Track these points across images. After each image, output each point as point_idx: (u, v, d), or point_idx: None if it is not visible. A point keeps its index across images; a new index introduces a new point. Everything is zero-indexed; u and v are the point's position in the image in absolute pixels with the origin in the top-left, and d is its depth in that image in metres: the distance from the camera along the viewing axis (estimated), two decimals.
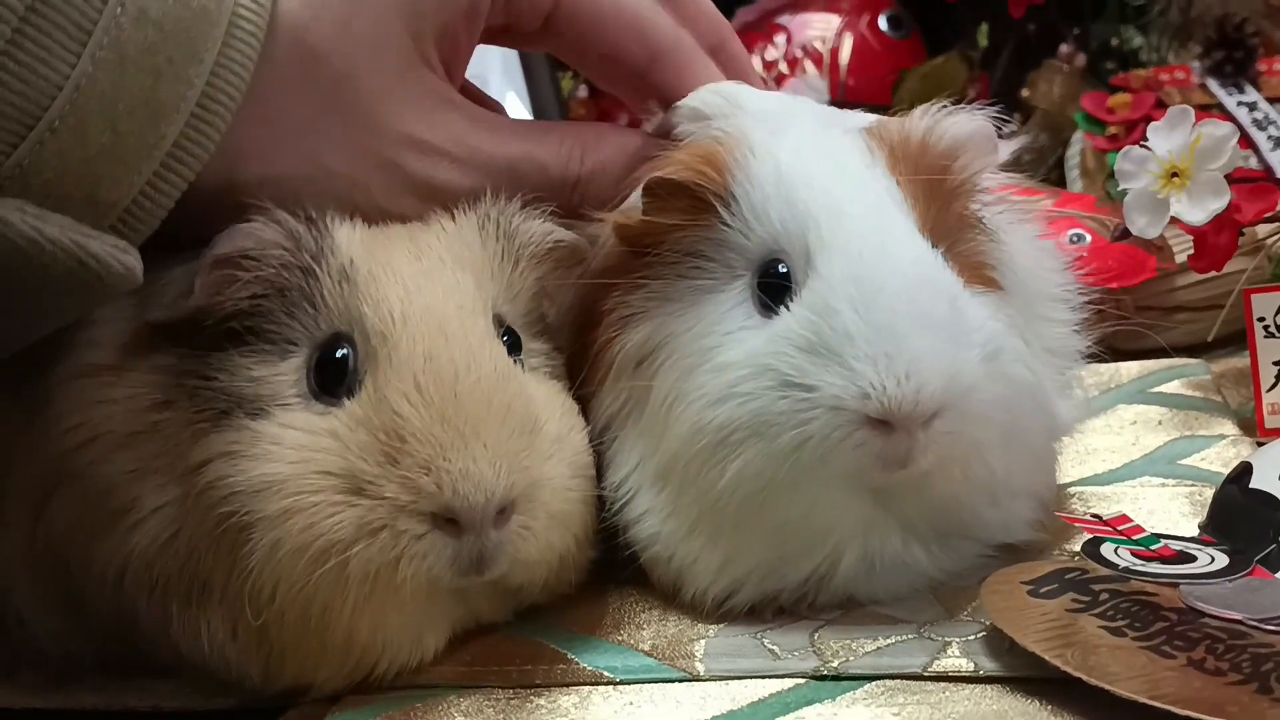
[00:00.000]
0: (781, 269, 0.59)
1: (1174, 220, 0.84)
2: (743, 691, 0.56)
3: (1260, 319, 0.83)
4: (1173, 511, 0.71)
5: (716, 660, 0.58)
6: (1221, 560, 0.59)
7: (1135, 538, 0.61)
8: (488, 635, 0.62)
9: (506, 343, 0.60)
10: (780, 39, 1.62)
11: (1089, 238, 1.06)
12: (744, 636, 0.60)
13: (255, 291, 0.57)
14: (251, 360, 0.57)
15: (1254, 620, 0.53)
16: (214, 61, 0.57)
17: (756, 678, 0.57)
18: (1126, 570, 0.58)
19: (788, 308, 0.58)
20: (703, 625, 0.61)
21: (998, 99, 0.68)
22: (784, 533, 0.59)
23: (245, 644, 0.56)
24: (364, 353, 0.57)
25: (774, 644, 0.59)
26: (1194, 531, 0.67)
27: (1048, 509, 0.65)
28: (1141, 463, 0.80)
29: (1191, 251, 0.88)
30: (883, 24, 1.62)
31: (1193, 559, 0.60)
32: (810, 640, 0.59)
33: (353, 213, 0.62)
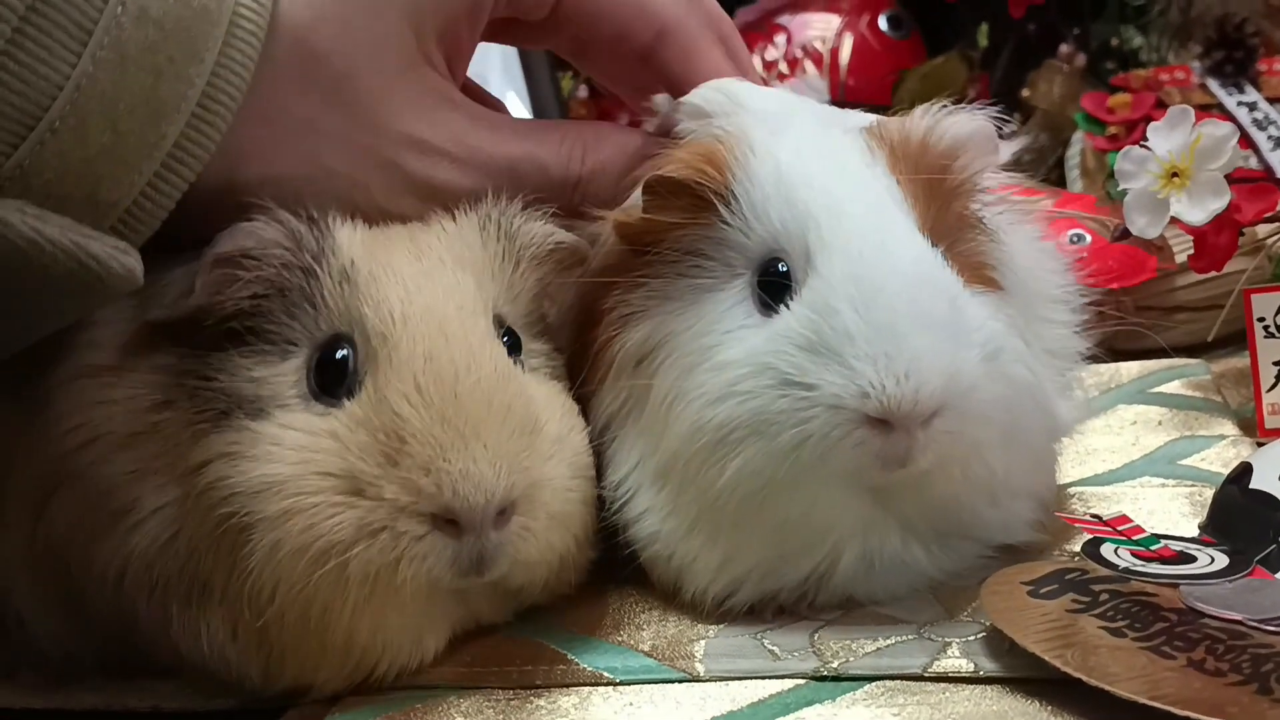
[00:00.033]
0: (781, 268, 0.59)
1: (1174, 220, 0.84)
2: (743, 692, 0.56)
3: (1260, 319, 0.83)
4: (1173, 512, 0.71)
5: (716, 661, 0.58)
6: (1221, 561, 0.59)
7: (1135, 538, 0.61)
8: (488, 636, 0.62)
9: (507, 343, 0.60)
10: (780, 39, 1.61)
11: (1089, 238, 1.06)
12: (744, 637, 0.60)
13: (256, 291, 0.57)
14: (252, 361, 0.57)
15: (1254, 621, 0.53)
16: (215, 61, 0.57)
17: (756, 678, 0.57)
18: (1126, 571, 0.58)
19: (788, 306, 0.58)
20: (703, 626, 0.61)
21: (998, 99, 0.68)
22: (783, 531, 0.59)
23: (245, 645, 0.56)
24: (364, 353, 0.57)
25: (774, 644, 0.59)
26: (1194, 532, 0.67)
27: (1048, 509, 0.65)
28: (1141, 463, 0.80)
29: (1191, 251, 0.88)
30: (883, 24, 1.62)
31: (1193, 559, 0.60)
32: (810, 641, 0.59)
33: (353, 213, 0.62)
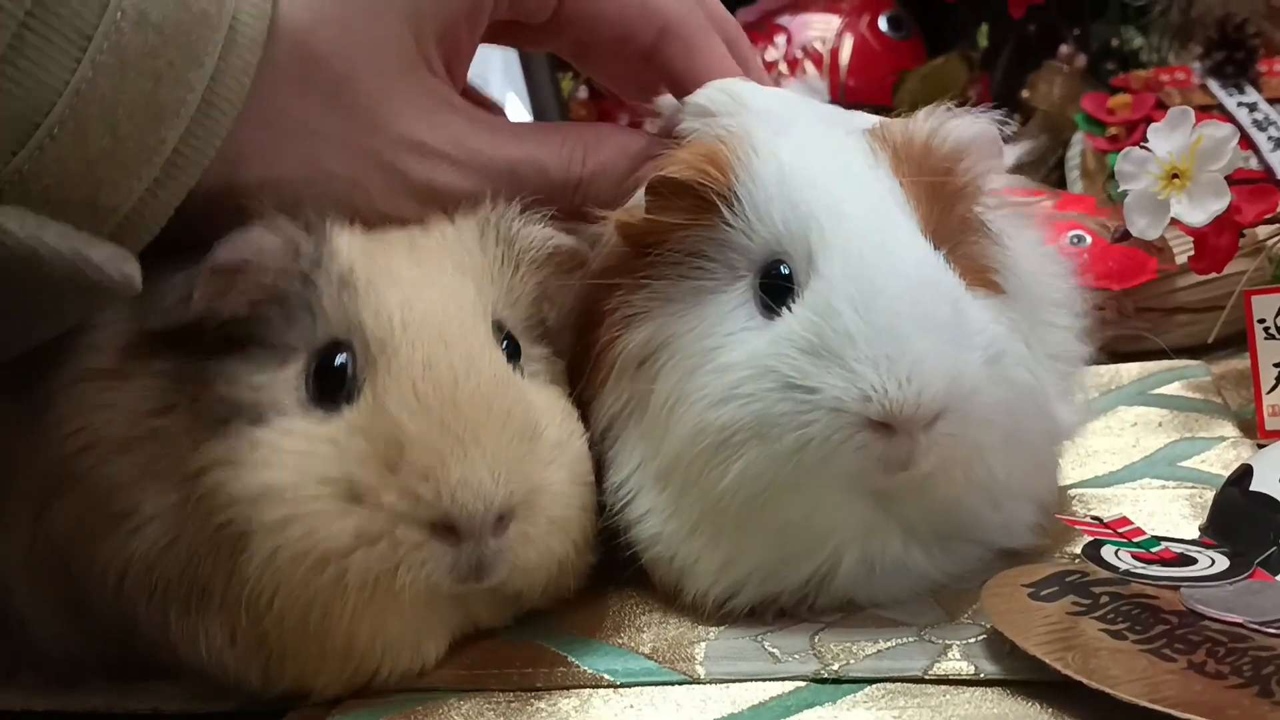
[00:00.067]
0: (784, 270, 0.59)
1: (1174, 222, 0.84)
2: (743, 694, 0.56)
3: (1260, 320, 0.83)
4: (1173, 514, 0.71)
5: (717, 663, 0.58)
6: (1222, 563, 0.59)
7: (1136, 540, 0.61)
8: (488, 639, 0.62)
9: (506, 349, 0.60)
10: (780, 39, 1.61)
11: (1089, 239, 1.06)
12: (744, 639, 0.60)
13: (254, 299, 0.57)
14: (251, 367, 0.57)
15: (1255, 623, 0.53)
16: (214, 66, 0.57)
17: (757, 680, 0.57)
18: (1127, 573, 0.58)
19: (790, 309, 0.58)
20: (703, 628, 0.61)
21: (998, 100, 0.69)
22: (785, 534, 0.59)
23: (244, 650, 0.56)
24: (363, 360, 0.57)
25: (774, 647, 0.59)
26: (1194, 534, 0.67)
27: (1049, 513, 0.65)
28: (1142, 465, 0.80)
29: (1192, 253, 0.88)
30: (883, 25, 1.62)
31: (1193, 561, 0.60)
32: (811, 643, 0.59)
33: (353, 215, 0.62)
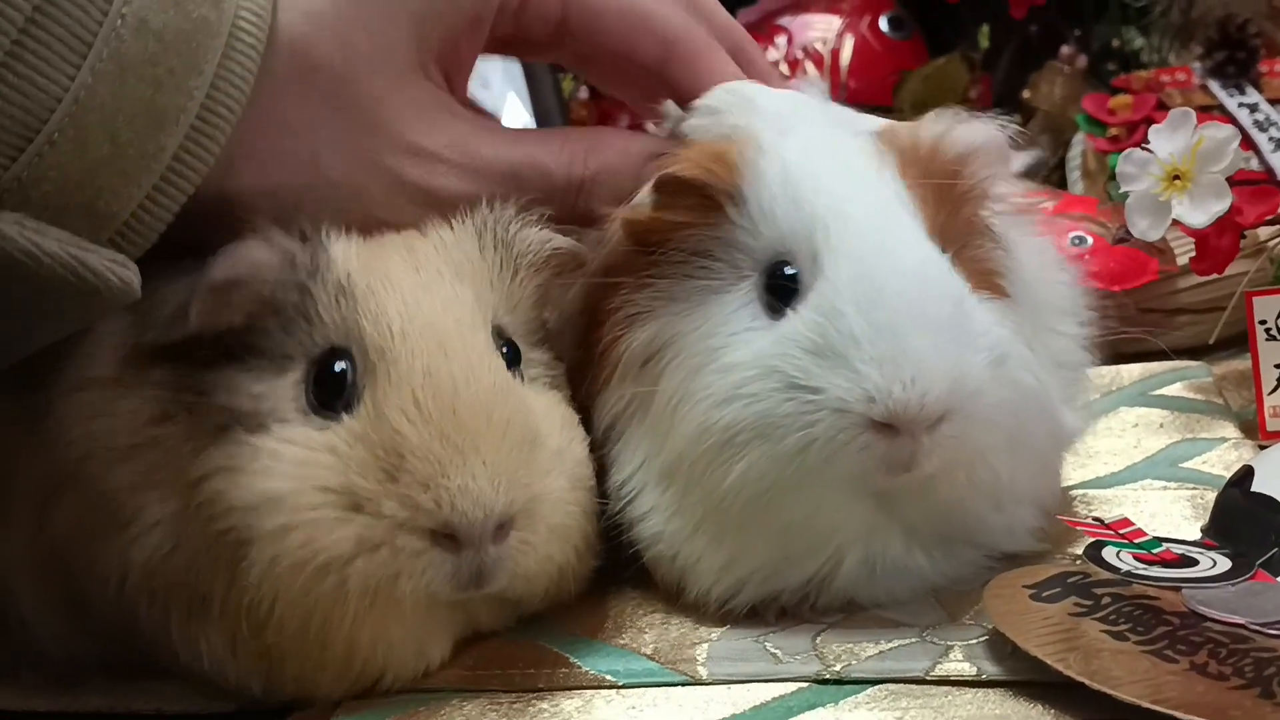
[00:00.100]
0: (788, 271, 0.59)
1: (1175, 223, 0.84)
2: (745, 695, 0.56)
3: (1262, 321, 0.83)
4: (1174, 515, 0.71)
5: (719, 664, 0.58)
6: (1224, 564, 0.59)
7: (1137, 541, 0.61)
8: (490, 639, 0.62)
9: (506, 355, 0.60)
10: (781, 40, 1.61)
11: (1090, 240, 1.07)
12: (746, 640, 0.60)
13: (250, 311, 0.57)
14: (249, 376, 0.57)
15: (1256, 624, 0.53)
16: (214, 73, 0.57)
17: (759, 681, 0.57)
18: (1128, 574, 0.58)
19: (794, 309, 0.58)
20: (705, 629, 0.61)
21: (999, 100, 0.69)
22: (787, 534, 0.59)
23: (245, 657, 0.56)
24: (363, 367, 0.57)
25: (776, 648, 0.59)
26: (1196, 535, 0.67)
27: (1051, 517, 0.65)
28: (1143, 465, 0.80)
29: (1193, 254, 0.88)
30: (884, 25, 1.61)
31: (1195, 563, 0.60)
32: (812, 644, 0.59)
33: (351, 221, 0.61)
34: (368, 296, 0.58)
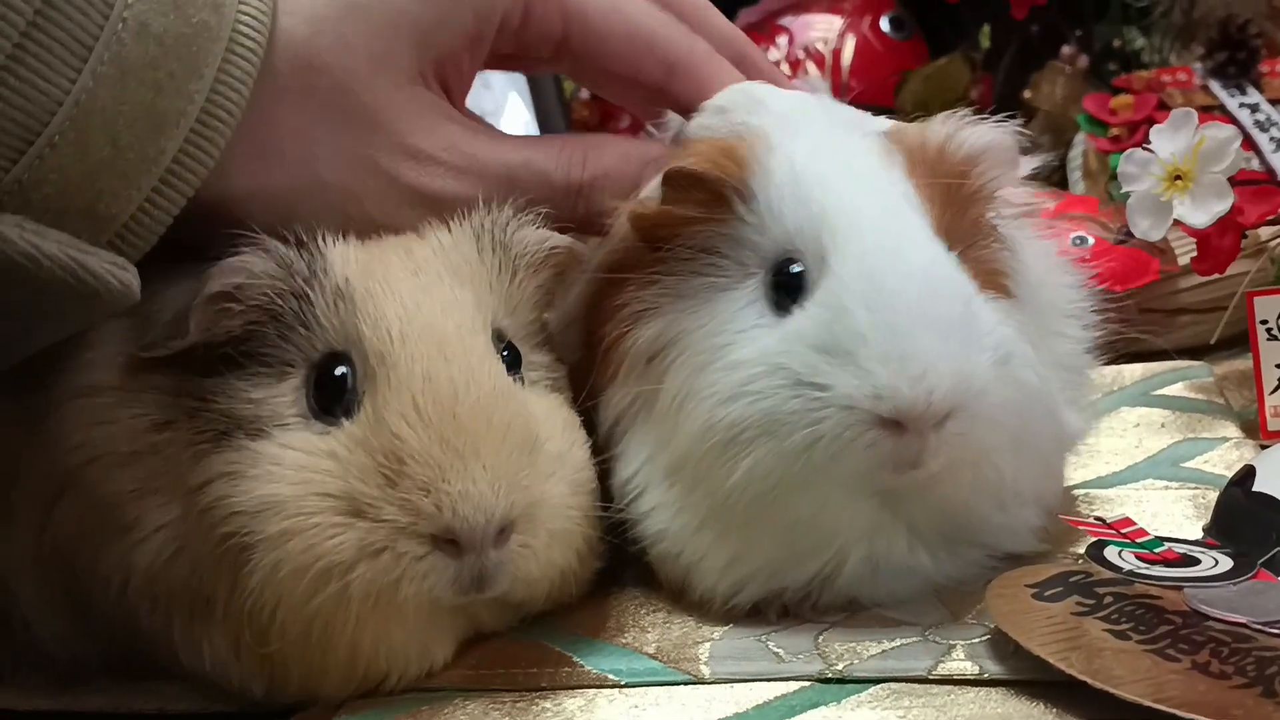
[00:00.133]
0: (795, 268, 0.59)
1: (1177, 223, 0.84)
2: (748, 694, 0.56)
3: (1263, 321, 0.83)
4: (1176, 514, 0.71)
5: (721, 663, 0.58)
6: (1225, 563, 0.59)
7: (1139, 541, 0.61)
8: (493, 639, 0.62)
9: (506, 358, 0.60)
10: (782, 40, 1.61)
11: (1092, 240, 1.07)
12: (749, 639, 0.60)
13: (249, 320, 0.57)
14: (249, 382, 0.57)
15: (1258, 624, 0.53)
16: (214, 77, 0.57)
17: (761, 680, 0.57)
18: (1130, 573, 0.58)
19: (801, 307, 0.58)
20: (707, 628, 0.61)
21: (1000, 100, 0.69)
22: (792, 532, 0.59)
23: (248, 661, 0.57)
24: (363, 372, 0.57)
25: (779, 647, 0.59)
26: (1198, 534, 0.67)
27: (1053, 517, 0.65)
28: (1145, 465, 0.80)
29: (1194, 254, 0.88)
30: (885, 25, 1.61)
31: (1197, 562, 0.60)
32: (815, 643, 0.59)
33: (350, 224, 0.62)
34: (366, 301, 0.58)
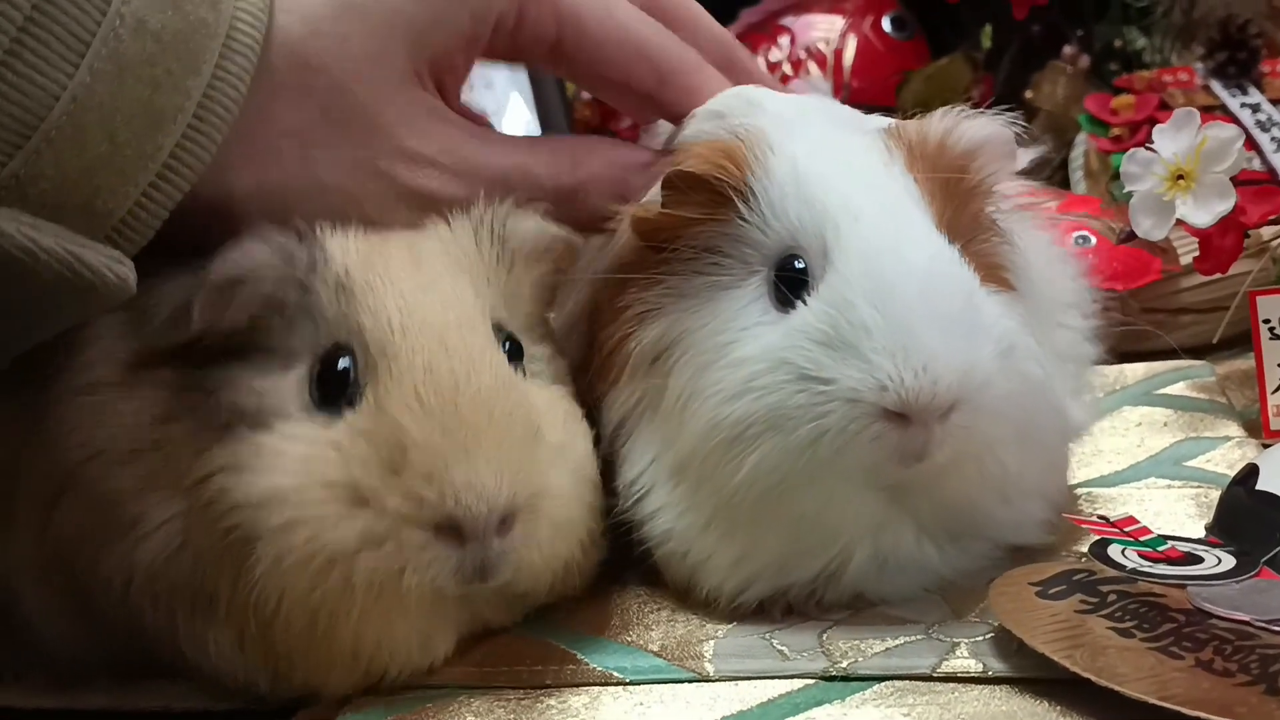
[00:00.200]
0: (798, 264, 0.59)
1: (1179, 222, 0.84)
2: (752, 692, 0.56)
3: (1266, 321, 0.83)
4: (1179, 513, 0.71)
5: (726, 661, 0.58)
6: (1228, 562, 0.60)
7: (1142, 539, 0.61)
8: (497, 636, 0.62)
9: (508, 350, 0.60)
10: (784, 40, 1.61)
11: (1094, 240, 1.07)
12: (753, 637, 0.60)
13: (253, 312, 0.57)
14: (252, 372, 0.57)
15: (1261, 621, 0.54)
16: (211, 73, 0.57)
17: (766, 678, 0.57)
18: (1134, 571, 0.58)
19: (804, 302, 0.58)
20: (712, 626, 0.62)
21: (1001, 100, 0.69)
22: (799, 528, 0.59)
23: (252, 654, 0.56)
24: (364, 364, 0.57)
25: (783, 645, 0.59)
26: (1200, 533, 0.67)
27: (1059, 511, 0.65)
28: (1147, 464, 0.80)
29: (1196, 254, 0.88)
30: (886, 25, 1.62)
31: (1200, 560, 0.60)
32: (819, 641, 0.59)
33: (346, 224, 0.62)
34: (366, 292, 0.58)
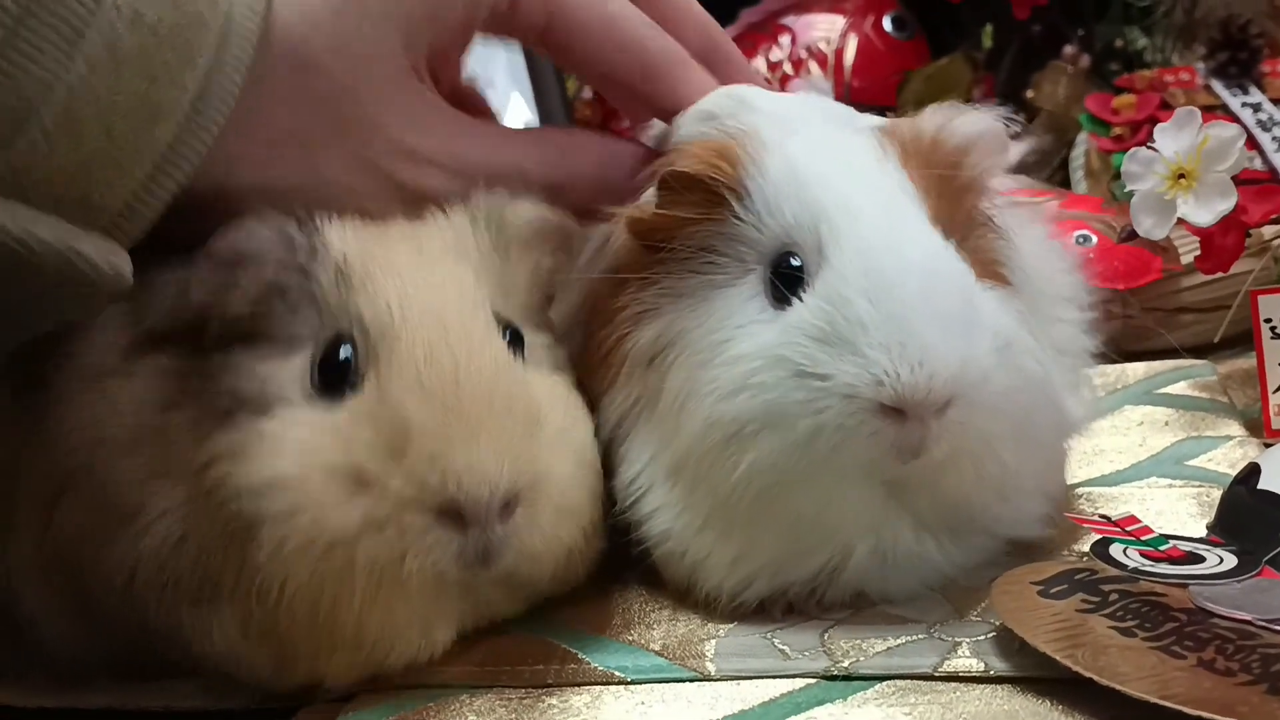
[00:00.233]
0: (794, 261, 0.59)
1: (1180, 221, 0.84)
2: (754, 691, 0.56)
3: (1267, 320, 0.83)
4: (1180, 512, 0.71)
5: (727, 660, 0.58)
6: (1230, 561, 0.60)
7: (1144, 538, 0.61)
8: (499, 635, 0.62)
9: (509, 338, 0.60)
10: (785, 40, 1.62)
11: (1095, 239, 1.07)
12: (754, 636, 0.60)
13: (255, 296, 0.57)
14: (255, 358, 0.57)
15: (1263, 621, 0.54)
16: (208, 67, 0.57)
17: (767, 678, 0.57)
18: (1135, 571, 0.58)
19: (800, 299, 0.58)
20: (713, 625, 0.61)
21: (1002, 100, 0.69)
22: (797, 526, 0.59)
23: (255, 641, 0.56)
24: (365, 350, 0.57)
25: (784, 644, 0.59)
26: (1202, 532, 0.67)
27: (1058, 507, 0.65)
28: (1149, 463, 0.80)
29: (1198, 253, 0.88)
30: (887, 25, 1.62)
31: (1201, 560, 0.60)
32: (821, 640, 0.59)
33: (343, 218, 0.62)
34: (365, 280, 0.58)
